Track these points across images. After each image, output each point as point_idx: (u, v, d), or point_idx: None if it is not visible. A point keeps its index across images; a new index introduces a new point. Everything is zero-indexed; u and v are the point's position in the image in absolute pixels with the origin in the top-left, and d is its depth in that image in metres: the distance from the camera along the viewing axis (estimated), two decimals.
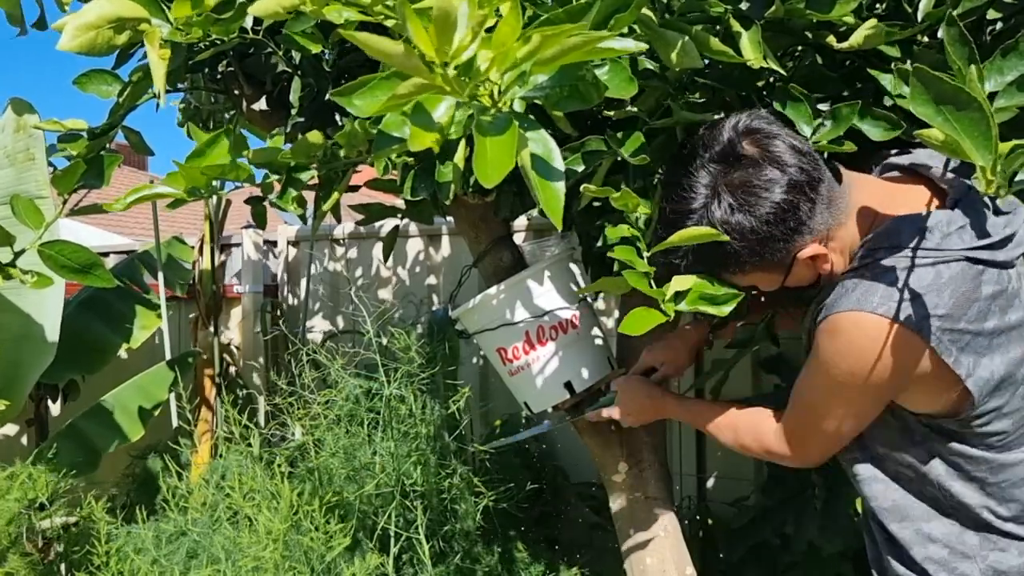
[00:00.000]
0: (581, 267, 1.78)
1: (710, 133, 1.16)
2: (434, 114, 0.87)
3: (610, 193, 1.12)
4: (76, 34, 1.17)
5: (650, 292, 1.06)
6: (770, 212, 1.11)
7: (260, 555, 1.87)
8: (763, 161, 1.11)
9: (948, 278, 1.07)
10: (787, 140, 1.13)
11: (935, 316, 1.05)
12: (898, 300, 1.06)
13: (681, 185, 1.16)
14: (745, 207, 1.11)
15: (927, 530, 1.19)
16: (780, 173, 1.11)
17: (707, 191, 1.14)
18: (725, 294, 1.06)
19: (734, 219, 1.12)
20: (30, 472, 2.51)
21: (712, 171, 1.14)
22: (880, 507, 1.22)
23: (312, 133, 1.29)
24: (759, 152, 1.12)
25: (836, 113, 1.17)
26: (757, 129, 1.14)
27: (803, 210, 1.11)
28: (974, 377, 1.08)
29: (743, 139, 1.13)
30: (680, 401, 1.51)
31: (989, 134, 0.85)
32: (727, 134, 1.14)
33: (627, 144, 1.23)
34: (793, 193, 1.11)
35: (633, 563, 1.73)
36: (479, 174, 0.83)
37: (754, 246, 1.13)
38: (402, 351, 2.08)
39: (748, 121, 1.15)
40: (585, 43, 0.81)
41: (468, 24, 0.80)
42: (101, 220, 7.50)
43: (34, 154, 2.55)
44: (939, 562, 1.18)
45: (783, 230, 1.12)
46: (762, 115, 1.16)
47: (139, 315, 3.31)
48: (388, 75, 0.89)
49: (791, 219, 1.11)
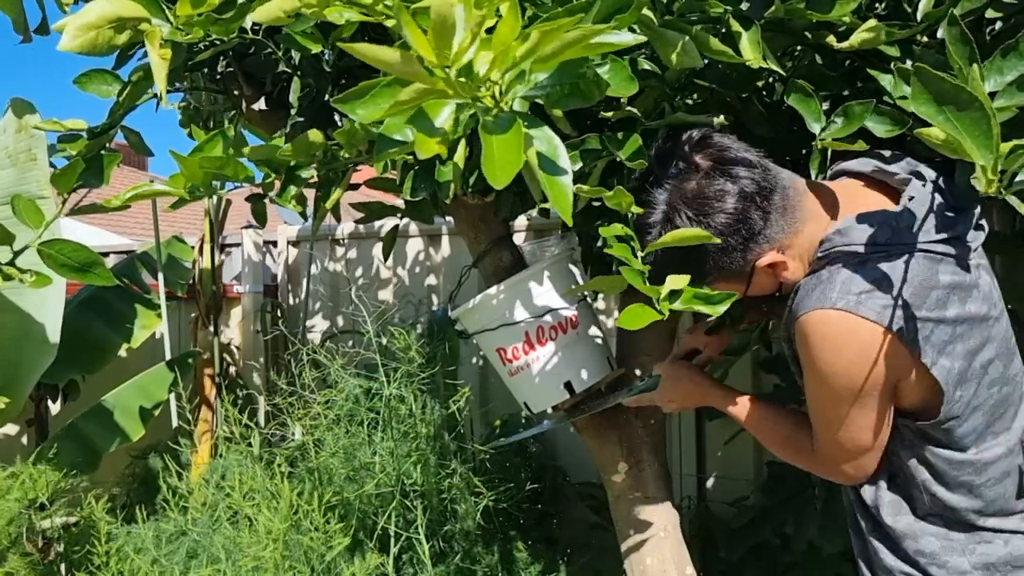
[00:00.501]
0: (581, 267, 1.78)
1: (665, 148, 1.19)
2: (436, 120, 0.87)
3: (603, 193, 1.12)
4: (77, 34, 1.17)
5: (645, 290, 1.07)
6: (723, 223, 1.14)
7: (260, 555, 1.87)
8: (714, 173, 1.15)
9: (902, 269, 1.09)
10: (738, 152, 1.16)
11: (894, 306, 1.07)
12: (855, 294, 1.08)
13: (642, 200, 1.18)
14: (700, 218, 1.14)
15: (919, 525, 1.20)
16: (732, 184, 1.14)
17: (665, 206, 1.17)
18: (719, 294, 1.07)
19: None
20: (30, 472, 2.51)
21: (667, 186, 1.17)
22: (876, 501, 1.23)
23: (311, 132, 1.29)
24: (710, 164, 1.16)
25: (848, 111, 1.17)
26: (709, 142, 1.17)
27: (755, 219, 1.14)
28: (938, 365, 1.09)
29: (695, 152, 1.17)
30: (727, 393, 1.47)
31: (990, 134, 0.85)
32: (680, 148, 1.18)
33: (626, 147, 1.24)
34: (744, 202, 1.14)
35: (633, 563, 1.73)
36: (488, 175, 0.83)
37: (712, 256, 1.16)
38: (402, 351, 2.08)
39: (700, 134, 1.18)
40: (584, 37, 0.82)
41: (467, 26, 0.80)
42: (101, 220, 7.51)
43: (36, 154, 2.55)
44: (930, 555, 1.19)
45: (738, 240, 1.15)
46: (712, 128, 1.19)
47: (139, 315, 3.32)
48: (390, 82, 0.89)
49: (744, 228, 1.14)
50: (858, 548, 1.31)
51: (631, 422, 1.76)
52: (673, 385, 1.51)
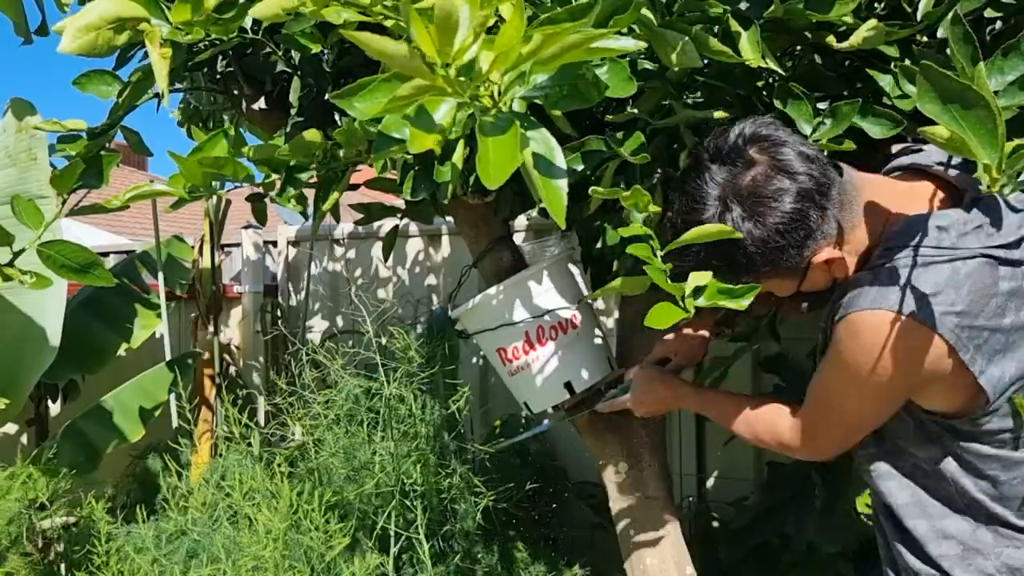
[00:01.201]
0: (581, 267, 1.78)
1: (717, 142, 1.16)
2: (435, 116, 0.87)
3: (620, 194, 1.12)
4: (77, 36, 1.17)
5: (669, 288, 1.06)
6: (780, 222, 1.11)
7: (260, 554, 1.87)
8: (772, 170, 1.11)
9: (965, 275, 1.07)
10: (795, 147, 1.12)
11: (952, 313, 1.06)
12: (916, 298, 1.06)
13: (691, 196, 1.16)
14: (755, 216, 1.11)
15: (942, 526, 1.19)
16: (790, 182, 1.10)
17: (717, 202, 1.13)
18: (743, 287, 1.06)
19: (745, 228, 1.11)
20: (30, 472, 2.51)
21: (720, 181, 1.14)
22: (897, 503, 1.22)
23: (309, 131, 1.29)
24: (767, 160, 1.12)
25: (836, 111, 1.17)
26: (764, 136, 1.13)
27: (813, 217, 1.11)
28: (987, 375, 1.08)
29: (750, 147, 1.13)
30: (696, 391, 1.49)
31: (995, 132, 0.85)
32: (734, 142, 1.14)
33: (627, 143, 1.23)
34: (803, 201, 1.10)
35: (633, 563, 1.73)
36: (482, 176, 0.83)
37: (767, 254, 1.13)
38: (401, 351, 2.08)
39: (755, 128, 1.14)
40: (585, 41, 0.81)
41: (470, 25, 0.80)
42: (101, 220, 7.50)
43: (36, 154, 2.55)
44: (954, 558, 1.18)
45: (795, 238, 1.12)
46: (767, 121, 1.15)
47: (139, 315, 3.31)
48: (388, 77, 0.89)
49: (802, 227, 1.11)
50: (884, 554, 1.29)
51: (631, 422, 1.76)
52: (644, 388, 1.52)
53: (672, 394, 1.50)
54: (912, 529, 1.21)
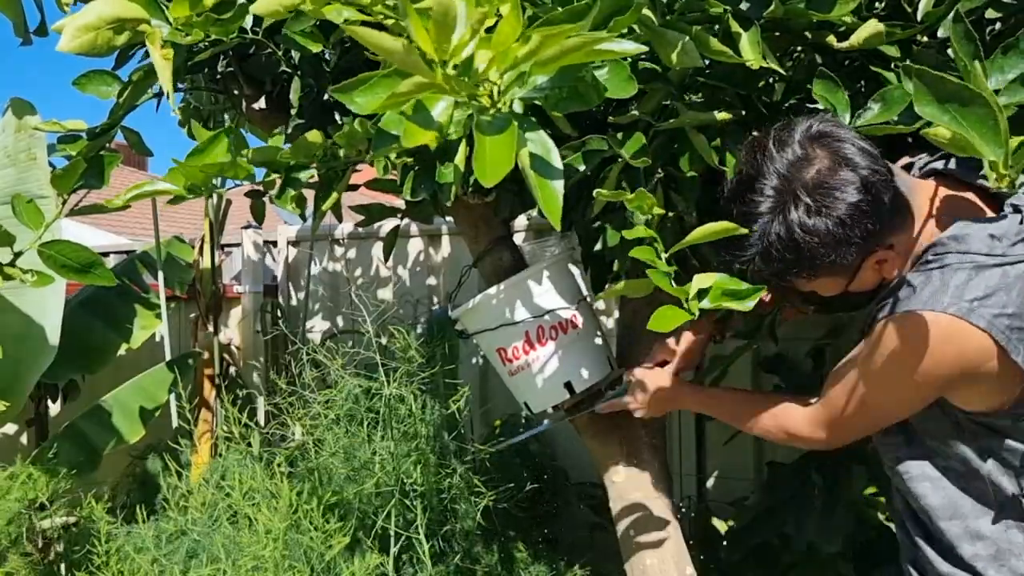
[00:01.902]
0: (581, 267, 1.78)
1: (780, 135, 1.16)
2: (432, 112, 0.87)
3: (624, 196, 1.12)
4: (76, 35, 1.17)
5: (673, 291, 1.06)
6: (847, 213, 1.10)
7: (260, 554, 1.87)
8: (835, 163, 1.12)
9: (1015, 277, 1.08)
10: (856, 143, 1.13)
11: (1004, 315, 1.07)
12: (968, 300, 1.07)
13: (751, 187, 1.16)
14: (823, 209, 1.11)
15: (975, 527, 1.19)
16: (853, 174, 1.11)
17: (776, 195, 1.13)
18: (747, 289, 1.06)
19: (811, 222, 1.11)
20: (30, 472, 2.51)
21: (783, 174, 1.14)
22: (929, 505, 1.22)
23: (311, 133, 1.29)
24: (830, 155, 1.12)
25: (886, 96, 1.15)
26: (827, 133, 1.14)
27: (877, 212, 1.12)
28: None
29: (813, 143, 1.14)
30: (696, 391, 1.49)
31: (998, 128, 0.85)
32: (797, 137, 1.14)
33: (628, 145, 1.23)
34: (867, 193, 1.11)
35: (633, 563, 1.73)
36: (478, 174, 0.83)
37: (829, 248, 1.12)
38: (401, 351, 2.08)
39: (818, 126, 1.15)
40: (584, 44, 0.81)
41: (467, 22, 0.80)
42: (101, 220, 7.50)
43: (35, 154, 2.55)
44: (987, 559, 1.18)
45: (859, 232, 1.11)
46: (829, 119, 1.16)
47: (139, 315, 3.31)
48: (388, 73, 0.89)
49: (867, 221, 1.11)
50: (909, 555, 1.29)
51: (631, 422, 1.76)
52: (644, 389, 1.52)
53: (672, 394, 1.50)
54: (944, 531, 1.21)
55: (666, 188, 1.39)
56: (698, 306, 1.04)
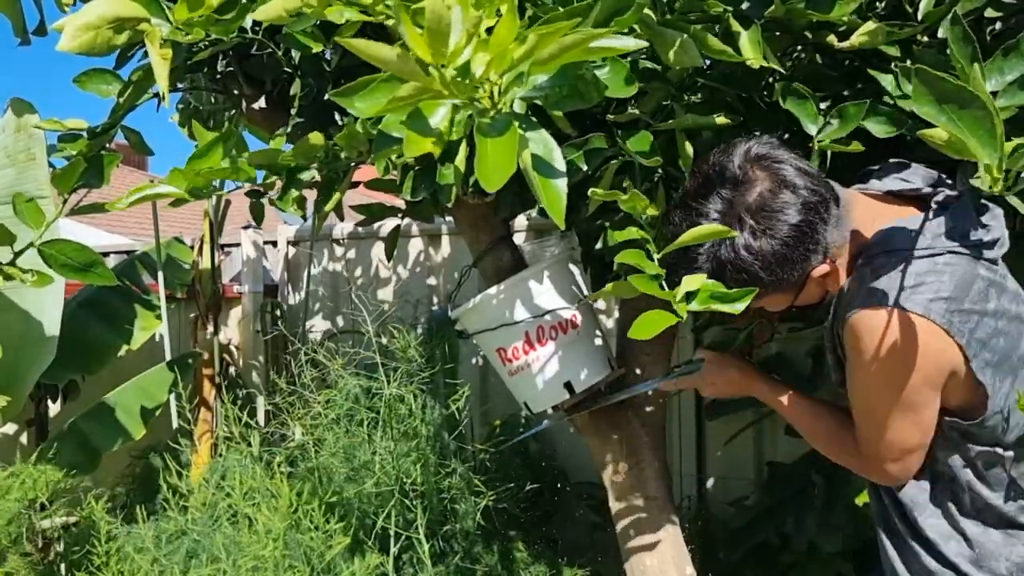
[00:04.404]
0: (581, 267, 1.78)
1: (720, 159, 1.18)
2: (432, 119, 0.87)
3: (618, 196, 1.12)
4: (76, 34, 1.17)
5: (661, 295, 1.06)
6: (789, 235, 1.14)
7: (260, 554, 1.87)
8: (776, 185, 1.15)
9: (943, 263, 1.12)
10: (794, 163, 1.16)
11: (940, 299, 1.10)
12: (900, 290, 1.10)
13: (696, 211, 1.18)
14: (767, 231, 1.14)
15: (957, 527, 1.22)
16: (793, 196, 1.14)
17: (721, 218, 1.16)
18: (737, 291, 1.07)
19: (756, 244, 1.14)
20: (30, 472, 2.51)
21: (725, 197, 1.16)
22: (915, 503, 1.24)
23: (313, 135, 1.29)
24: (770, 176, 1.15)
25: (843, 112, 1.18)
26: (765, 155, 1.17)
27: (818, 230, 1.15)
28: (979, 358, 1.11)
29: (753, 166, 1.16)
30: (771, 384, 1.46)
31: (994, 131, 0.85)
32: (737, 160, 1.17)
33: (635, 143, 1.23)
34: (808, 214, 1.14)
35: (633, 563, 1.73)
36: (481, 178, 0.83)
37: (774, 269, 1.15)
38: (401, 351, 2.08)
39: (756, 148, 1.18)
40: (582, 41, 0.81)
41: (463, 27, 0.80)
42: (101, 220, 7.49)
43: (35, 154, 2.55)
44: (969, 559, 1.21)
45: (801, 251, 1.15)
46: (766, 140, 1.19)
47: (139, 316, 3.31)
48: (388, 76, 0.89)
49: (808, 240, 1.15)
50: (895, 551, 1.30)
51: (631, 422, 1.76)
52: (718, 370, 1.50)
53: (746, 380, 1.48)
54: (928, 529, 1.23)
55: (667, 187, 1.39)
56: (686, 308, 1.05)
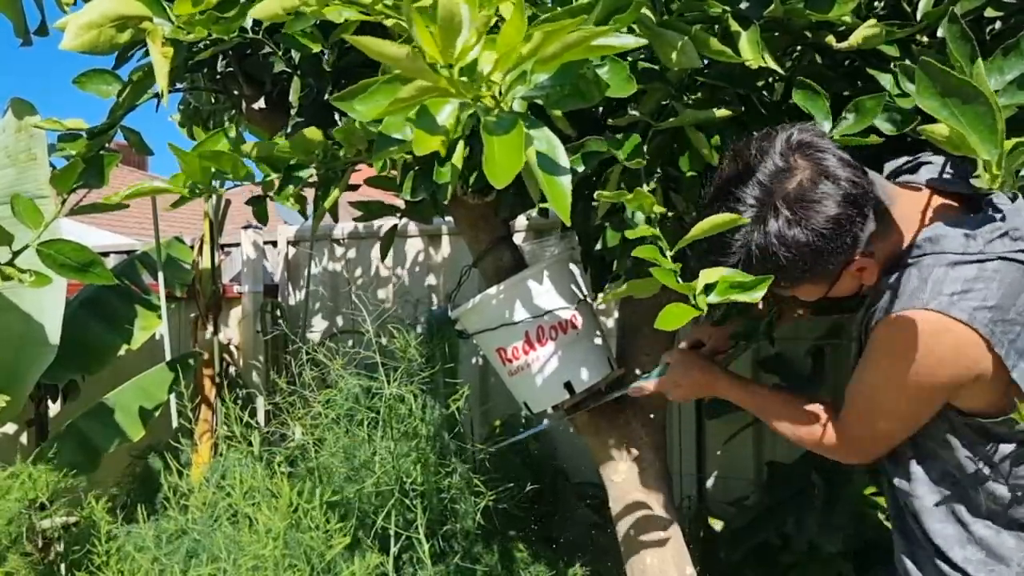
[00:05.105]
0: (581, 267, 1.78)
1: (761, 146, 1.16)
2: (439, 117, 0.87)
3: (624, 196, 1.12)
4: (79, 33, 1.17)
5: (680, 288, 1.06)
6: (825, 226, 1.11)
7: (260, 553, 1.87)
8: (816, 175, 1.12)
9: (992, 271, 1.10)
10: (836, 153, 1.14)
11: (985, 308, 1.09)
12: (948, 294, 1.09)
13: (732, 194, 1.16)
14: (802, 221, 1.12)
15: (968, 531, 1.21)
16: (834, 186, 1.12)
17: (757, 205, 1.14)
18: (754, 280, 1.06)
19: (790, 233, 1.12)
20: (30, 472, 2.51)
21: (764, 184, 1.14)
22: (926, 507, 1.24)
23: (310, 129, 1.29)
24: (812, 166, 1.13)
25: (859, 106, 1.16)
26: (808, 143, 1.14)
27: (856, 223, 1.13)
28: (1018, 368, 1.10)
29: (795, 153, 1.14)
30: (734, 381, 1.47)
31: (995, 128, 0.85)
32: (779, 147, 1.14)
33: (624, 146, 1.23)
34: (847, 207, 1.12)
35: (633, 563, 1.73)
36: (489, 175, 0.83)
37: (808, 259, 1.13)
38: (401, 351, 2.08)
39: (799, 135, 1.15)
40: (585, 39, 0.82)
41: (472, 26, 0.80)
42: (101, 220, 7.49)
43: (36, 154, 2.55)
44: (977, 563, 1.20)
45: (838, 244, 1.13)
46: (811, 128, 1.16)
47: (139, 315, 3.31)
48: (389, 79, 0.89)
49: (845, 233, 1.12)
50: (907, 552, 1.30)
51: (631, 422, 1.76)
52: (683, 372, 1.50)
53: (710, 380, 1.48)
54: (939, 532, 1.23)
55: (666, 188, 1.39)
56: (706, 301, 1.04)
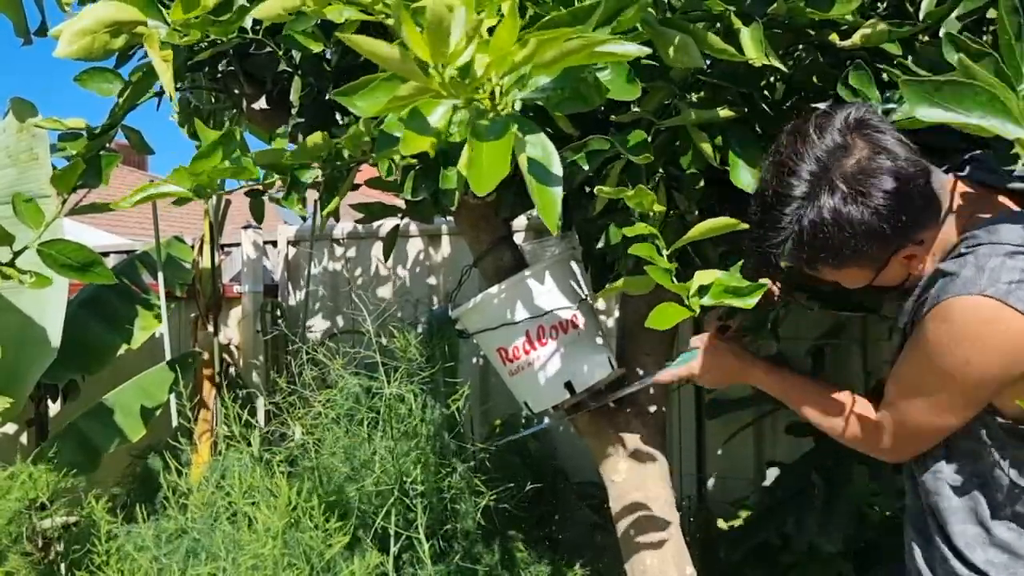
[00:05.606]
0: (582, 266, 1.77)
1: (820, 123, 1.15)
2: (430, 118, 0.87)
3: (624, 193, 1.12)
4: (73, 40, 1.16)
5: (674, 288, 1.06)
6: (882, 204, 1.10)
7: (259, 552, 1.87)
8: (874, 154, 1.11)
9: None
10: (894, 134, 1.13)
11: None
12: (1005, 282, 1.07)
13: (788, 168, 1.15)
14: (859, 197, 1.10)
15: (991, 532, 1.19)
16: (891, 164, 1.10)
17: (813, 180, 1.13)
18: (749, 286, 1.05)
19: (846, 209, 1.11)
20: (30, 472, 2.51)
21: (821, 159, 1.13)
22: (950, 507, 1.22)
23: (315, 135, 1.29)
24: (869, 145, 1.12)
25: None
26: (866, 122, 1.13)
27: (914, 203, 1.11)
28: None
29: (853, 132, 1.13)
30: (769, 369, 1.44)
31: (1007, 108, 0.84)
32: (838, 124, 1.13)
33: (629, 140, 1.23)
34: (904, 185, 1.10)
35: (633, 563, 1.73)
36: (472, 181, 0.83)
37: (860, 239, 1.12)
38: (401, 351, 2.08)
39: (858, 114, 1.14)
40: (585, 46, 0.81)
41: (463, 28, 0.79)
42: (101, 220, 7.49)
43: (37, 154, 2.55)
44: (999, 566, 1.18)
45: (892, 224, 1.11)
46: (871, 108, 1.16)
47: (139, 315, 3.31)
48: (390, 76, 0.89)
49: (901, 213, 1.11)
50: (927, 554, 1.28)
51: (631, 422, 1.76)
52: (714, 357, 1.47)
53: (744, 366, 1.45)
54: (961, 534, 1.21)
55: (668, 187, 1.39)
56: (699, 303, 1.04)
